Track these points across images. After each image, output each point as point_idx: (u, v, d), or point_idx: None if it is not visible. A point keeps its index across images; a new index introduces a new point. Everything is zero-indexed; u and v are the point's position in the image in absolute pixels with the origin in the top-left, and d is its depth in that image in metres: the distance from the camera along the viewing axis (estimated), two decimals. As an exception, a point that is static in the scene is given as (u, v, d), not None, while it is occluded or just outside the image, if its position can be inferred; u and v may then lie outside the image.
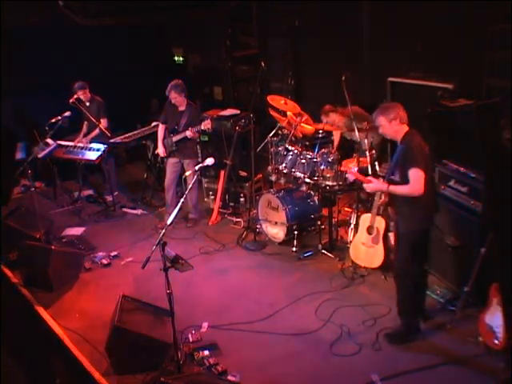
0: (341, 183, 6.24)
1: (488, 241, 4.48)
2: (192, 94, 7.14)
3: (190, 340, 4.88)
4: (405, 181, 4.38)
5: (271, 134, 6.92)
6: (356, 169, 5.55)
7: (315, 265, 6.06)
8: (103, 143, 7.56)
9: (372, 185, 4.68)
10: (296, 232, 6.26)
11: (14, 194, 8.29)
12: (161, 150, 7.02)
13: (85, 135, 7.81)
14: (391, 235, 5.82)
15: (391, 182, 4.53)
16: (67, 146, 7.73)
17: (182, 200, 4.47)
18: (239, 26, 9.65)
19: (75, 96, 7.52)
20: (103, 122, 7.61)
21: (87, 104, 7.67)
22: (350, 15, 7.55)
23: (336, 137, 6.92)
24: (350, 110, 6.05)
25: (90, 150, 7.56)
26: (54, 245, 6.18)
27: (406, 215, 4.56)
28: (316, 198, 6.48)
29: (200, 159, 7.36)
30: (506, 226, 4.44)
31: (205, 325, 5.11)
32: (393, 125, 4.46)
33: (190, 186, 5.05)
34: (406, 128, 4.50)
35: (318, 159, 6.20)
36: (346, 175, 5.87)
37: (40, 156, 7.34)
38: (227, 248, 6.58)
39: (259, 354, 4.71)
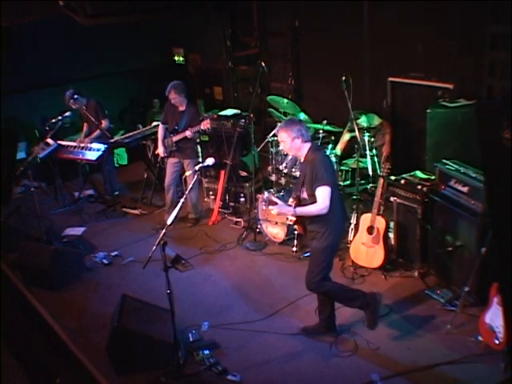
0: (341, 183, 6.25)
1: (488, 241, 4.49)
2: (192, 94, 7.15)
3: (191, 339, 4.89)
4: (312, 198, 4.37)
5: (271, 134, 6.93)
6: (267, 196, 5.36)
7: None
8: (104, 143, 7.56)
9: (277, 208, 4.51)
10: (296, 232, 6.26)
11: (14, 194, 8.29)
12: (161, 150, 7.02)
13: (86, 136, 7.81)
14: (392, 235, 5.85)
15: (299, 200, 4.48)
16: (68, 146, 7.73)
17: (182, 200, 4.47)
18: (239, 26, 9.66)
19: (68, 105, 7.52)
20: (104, 123, 7.61)
21: (84, 108, 7.64)
22: (350, 15, 7.54)
23: (345, 137, 6.87)
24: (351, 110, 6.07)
25: (90, 150, 7.56)
26: (55, 245, 6.19)
27: (316, 232, 4.50)
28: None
29: (200, 159, 7.37)
30: (506, 226, 4.44)
31: (205, 324, 5.12)
32: (295, 143, 4.42)
33: (191, 185, 5.05)
34: (308, 145, 4.45)
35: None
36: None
37: (40, 156, 7.35)
38: (227, 248, 6.59)
39: (259, 354, 4.71)
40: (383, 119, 6.66)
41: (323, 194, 4.28)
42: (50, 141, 7.46)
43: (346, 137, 6.76)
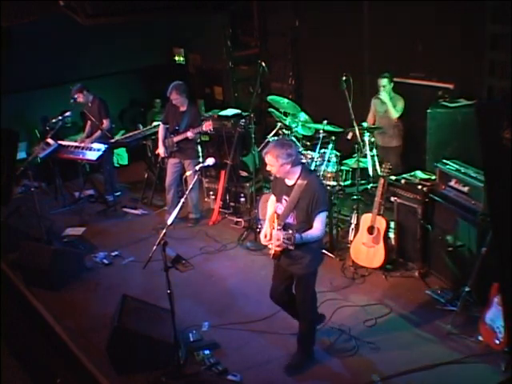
0: (341, 183, 6.25)
1: (488, 241, 4.48)
2: (193, 94, 7.15)
3: (191, 340, 4.89)
4: (303, 224, 4.15)
5: (271, 134, 6.92)
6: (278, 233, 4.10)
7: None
8: (104, 143, 7.56)
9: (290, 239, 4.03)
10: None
11: (14, 194, 8.29)
12: (161, 151, 7.02)
13: (87, 136, 7.82)
14: (392, 235, 5.85)
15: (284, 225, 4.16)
16: (68, 145, 7.73)
17: (182, 200, 4.47)
18: (239, 25, 9.65)
19: (73, 99, 7.51)
20: (105, 123, 7.61)
21: (89, 105, 7.66)
22: (351, 15, 7.54)
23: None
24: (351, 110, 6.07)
25: (90, 150, 7.56)
26: (55, 245, 6.19)
27: (299, 257, 4.26)
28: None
29: (201, 159, 7.37)
30: (506, 226, 4.43)
31: (205, 324, 5.12)
32: (284, 167, 4.13)
33: (191, 185, 5.05)
34: (299, 169, 4.19)
35: (319, 159, 6.21)
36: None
37: (41, 156, 7.35)
38: (228, 248, 6.59)
39: (259, 354, 4.71)
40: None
41: (323, 219, 4.16)
42: (50, 141, 7.46)
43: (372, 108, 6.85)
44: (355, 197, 6.17)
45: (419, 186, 5.52)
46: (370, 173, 6.33)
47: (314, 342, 4.63)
